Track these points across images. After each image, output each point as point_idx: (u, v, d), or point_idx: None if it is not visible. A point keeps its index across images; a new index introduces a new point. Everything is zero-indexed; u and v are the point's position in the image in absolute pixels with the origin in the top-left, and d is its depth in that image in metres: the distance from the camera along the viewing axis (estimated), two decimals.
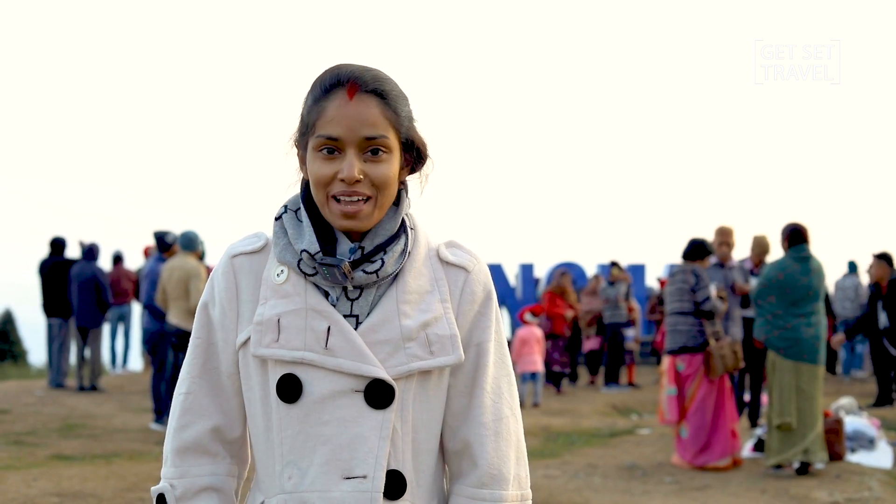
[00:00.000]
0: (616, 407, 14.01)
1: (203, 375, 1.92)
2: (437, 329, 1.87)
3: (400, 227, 1.89)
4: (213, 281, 1.93)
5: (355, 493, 1.80)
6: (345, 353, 1.81)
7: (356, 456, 1.80)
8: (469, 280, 1.93)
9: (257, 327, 1.83)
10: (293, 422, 1.82)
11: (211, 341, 1.92)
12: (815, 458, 8.16)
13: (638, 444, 10.28)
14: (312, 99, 1.85)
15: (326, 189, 1.81)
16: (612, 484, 8.19)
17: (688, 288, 8.81)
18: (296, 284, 1.85)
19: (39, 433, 10.36)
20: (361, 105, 1.80)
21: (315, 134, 1.82)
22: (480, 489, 1.90)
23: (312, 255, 1.81)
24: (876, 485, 7.81)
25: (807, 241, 8.41)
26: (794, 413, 8.21)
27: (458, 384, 1.92)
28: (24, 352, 26.86)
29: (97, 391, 13.99)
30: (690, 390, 8.77)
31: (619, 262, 16.57)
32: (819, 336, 8.31)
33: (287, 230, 1.88)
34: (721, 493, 7.73)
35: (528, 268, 20.59)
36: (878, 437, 9.57)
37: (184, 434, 1.90)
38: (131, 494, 7.19)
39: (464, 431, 1.92)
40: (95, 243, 14.27)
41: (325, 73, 1.86)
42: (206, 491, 1.90)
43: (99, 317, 14.13)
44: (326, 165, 1.81)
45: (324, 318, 1.82)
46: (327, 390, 1.81)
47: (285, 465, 1.83)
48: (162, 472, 1.93)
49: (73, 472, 7.96)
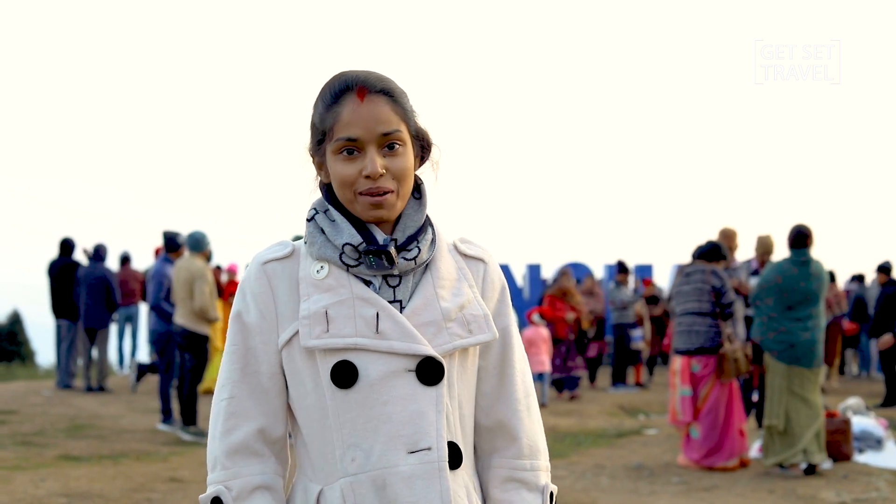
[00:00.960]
0: (623, 407, 14.01)
1: (244, 379, 1.98)
2: (472, 310, 2.02)
3: (425, 220, 2.04)
4: (246, 289, 2.01)
5: (423, 465, 1.90)
6: (395, 335, 1.92)
7: (418, 430, 1.91)
8: (488, 270, 2.11)
9: (304, 321, 1.92)
10: (352, 406, 1.91)
11: (248, 346, 1.99)
12: (813, 458, 8.14)
13: (645, 445, 10.28)
14: (323, 107, 1.97)
15: (353, 187, 1.94)
16: (620, 484, 8.19)
17: (708, 288, 8.78)
18: (338, 277, 1.96)
19: (47, 433, 10.38)
20: (373, 105, 1.94)
21: (334, 138, 1.94)
22: (521, 460, 2.06)
23: (356, 247, 1.94)
24: (884, 485, 7.80)
25: (808, 245, 8.39)
26: (782, 416, 8.21)
27: (489, 365, 2.08)
28: (32, 352, 26.92)
29: (105, 392, 14.02)
30: (704, 391, 8.76)
31: (625, 262, 16.55)
32: (815, 340, 8.29)
33: (323, 229, 1.99)
34: (729, 493, 7.72)
35: (536, 268, 20.59)
36: (886, 437, 9.55)
37: (231, 437, 1.97)
38: (139, 495, 7.20)
39: (498, 408, 2.07)
40: (103, 244, 14.29)
41: (331, 82, 1.98)
42: (259, 490, 1.96)
43: (107, 317, 14.17)
44: (349, 165, 1.94)
45: (371, 304, 1.94)
46: (382, 372, 1.91)
47: (347, 449, 1.92)
48: (210, 477, 1.98)
49: (80, 472, 7.98)
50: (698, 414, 8.77)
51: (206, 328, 10.36)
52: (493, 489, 2.07)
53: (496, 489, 2.07)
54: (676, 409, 8.93)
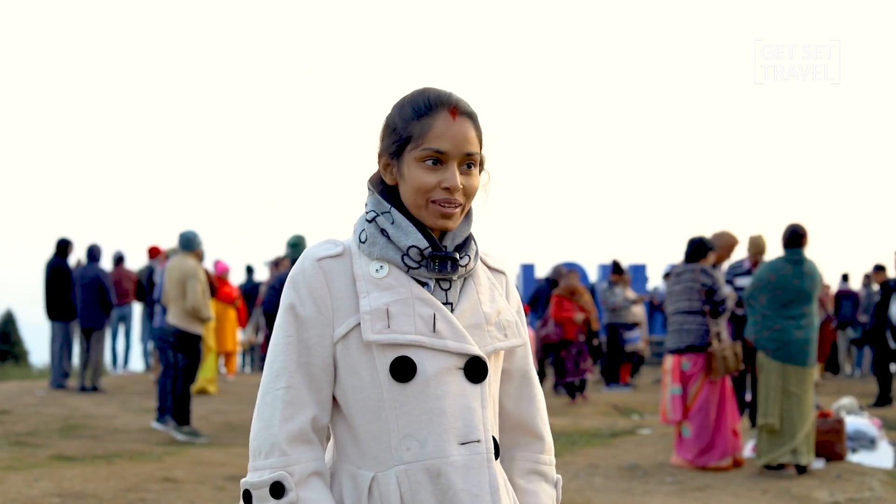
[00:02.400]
0: (617, 407, 14.02)
1: (299, 370, 2.09)
2: (506, 316, 2.22)
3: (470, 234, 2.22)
4: (299, 283, 2.11)
5: (473, 456, 2.07)
6: (449, 335, 2.08)
7: (469, 424, 2.07)
8: (508, 281, 2.33)
9: (366, 316, 2.05)
10: (408, 399, 2.05)
11: (301, 338, 2.09)
12: (803, 458, 8.16)
13: (639, 444, 10.29)
14: (413, 115, 2.11)
15: (428, 195, 2.09)
16: (614, 484, 8.20)
17: (698, 287, 8.81)
18: (398, 278, 2.10)
19: (41, 434, 10.36)
20: (463, 125, 2.11)
21: (421, 147, 2.08)
22: (543, 455, 2.30)
23: (422, 251, 2.09)
24: (877, 485, 7.81)
25: (803, 244, 8.41)
26: (777, 414, 8.23)
27: (513, 368, 2.27)
28: (26, 352, 26.87)
29: (98, 392, 14.00)
30: (693, 390, 8.78)
31: (620, 262, 16.52)
32: (809, 338, 8.30)
33: (385, 230, 2.12)
34: (722, 492, 7.74)
35: (530, 268, 20.61)
36: (880, 437, 9.58)
37: (290, 425, 2.06)
38: (132, 495, 7.19)
39: (523, 408, 2.28)
40: (97, 245, 14.28)
41: (422, 94, 2.13)
42: (314, 475, 2.07)
43: (102, 318, 14.15)
44: (431, 175, 2.08)
45: (428, 305, 2.09)
46: (437, 368, 2.06)
47: (402, 438, 2.05)
48: (265, 462, 2.06)
49: (74, 472, 7.96)
50: (688, 412, 8.79)
51: (198, 328, 10.34)
52: (518, 479, 2.26)
53: (521, 479, 2.26)
54: (667, 408, 8.95)
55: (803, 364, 8.27)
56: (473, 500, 2.05)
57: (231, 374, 16.42)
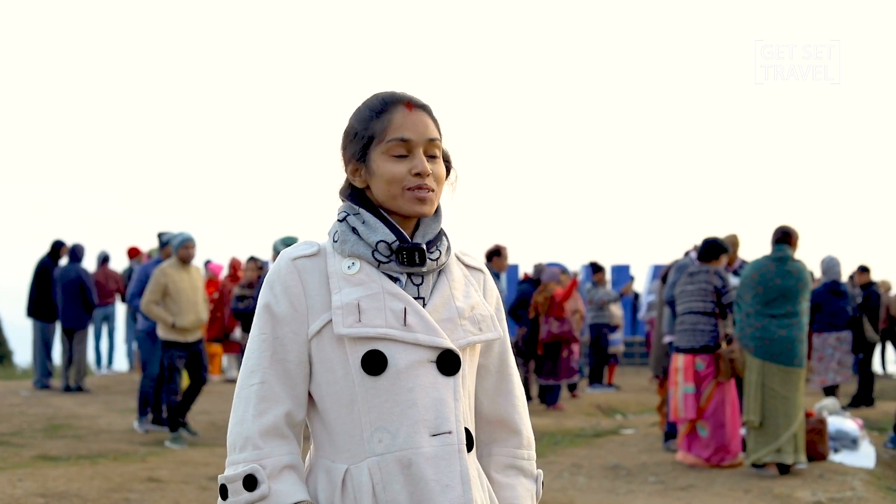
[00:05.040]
0: (600, 407, 14.04)
1: (273, 366, 2.14)
2: (481, 311, 2.26)
3: (441, 230, 2.26)
4: (275, 282, 2.17)
5: (444, 447, 2.11)
6: (420, 328, 2.13)
7: (440, 415, 2.12)
8: (486, 279, 2.36)
9: (338, 311, 2.11)
10: (380, 391, 2.10)
11: (276, 335, 2.15)
12: (787, 458, 8.19)
13: (622, 444, 10.32)
14: (371, 115, 2.20)
15: (401, 184, 2.16)
16: (597, 484, 8.23)
17: (711, 289, 8.87)
18: (369, 273, 2.16)
19: (24, 434, 10.34)
20: (420, 115, 2.20)
21: (386, 140, 2.16)
22: (521, 450, 2.34)
23: (389, 245, 2.15)
24: (859, 484, 7.85)
25: (790, 244, 8.45)
26: (758, 412, 8.26)
27: (489, 363, 2.32)
28: (9, 352, 26.73)
29: (82, 392, 13.96)
30: (708, 389, 8.83)
31: (598, 263, 16.58)
32: (793, 337, 8.31)
33: (355, 228, 2.18)
34: (705, 492, 7.77)
35: (514, 268, 20.61)
36: (862, 437, 9.63)
37: (263, 419, 2.11)
38: (116, 495, 7.18)
39: (500, 403, 2.32)
40: (80, 244, 14.23)
41: (375, 97, 2.23)
42: (287, 469, 2.11)
43: (85, 318, 14.09)
44: (399, 165, 2.16)
45: (399, 299, 2.14)
46: (408, 362, 2.11)
47: (374, 431, 2.10)
48: (240, 456, 2.11)
49: (58, 472, 7.95)
50: (703, 412, 8.84)
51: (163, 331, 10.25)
52: (495, 473, 2.31)
53: (498, 474, 2.31)
54: (678, 407, 8.96)
55: (788, 364, 8.27)
56: (444, 490, 2.09)
57: (216, 374, 16.39)
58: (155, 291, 9.83)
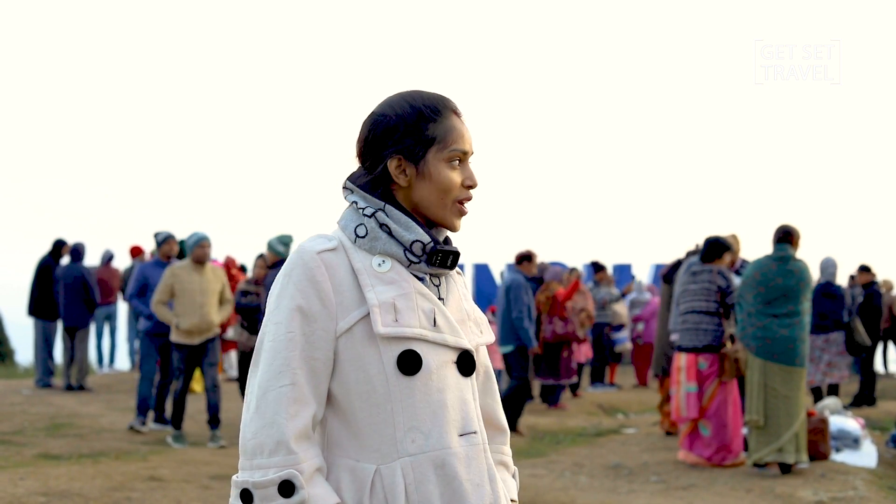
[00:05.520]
0: (602, 406, 14.04)
1: (301, 366, 2.07)
2: (478, 314, 2.30)
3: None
4: (301, 277, 2.09)
5: (471, 447, 2.14)
6: (447, 329, 2.15)
7: (466, 416, 2.15)
8: (465, 281, 2.35)
9: (376, 309, 2.07)
10: (414, 392, 2.09)
11: (304, 332, 2.08)
12: (789, 457, 8.19)
13: (623, 444, 10.32)
14: (431, 118, 2.16)
15: (453, 195, 2.16)
16: (598, 483, 8.23)
17: (715, 288, 8.88)
18: (399, 272, 2.13)
19: (26, 432, 10.34)
20: (466, 125, 2.22)
21: (449, 148, 2.15)
22: (506, 447, 2.38)
23: (424, 245, 2.13)
24: (860, 484, 7.85)
25: (791, 243, 8.45)
26: (760, 411, 8.26)
27: (479, 364, 2.30)
28: (11, 351, 26.75)
29: (84, 390, 13.97)
30: (711, 389, 8.83)
31: (599, 262, 16.56)
32: (794, 337, 8.30)
33: (387, 225, 2.13)
34: (706, 491, 7.77)
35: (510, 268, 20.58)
36: (863, 436, 9.62)
37: (296, 422, 2.05)
38: (118, 494, 7.19)
39: (488, 403, 2.34)
40: (81, 243, 14.24)
41: (428, 98, 2.19)
42: (318, 471, 2.07)
43: (86, 316, 14.10)
44: (457, 174, 2.16)
45: (428, 300, 2.14)
46: (438, 362, 2.12)
47: (407, 431, 2.08)
48: (270, 460, 2.03)
49: (59, 471, 7.95)
50: (705, 411, 8.84)
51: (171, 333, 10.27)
52: None
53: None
54: (680, 406, 8.96)
55: (790, 363, 8.26)
56: (476, 489, 2.12)
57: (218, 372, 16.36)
58: (163, 292, 9.82)
